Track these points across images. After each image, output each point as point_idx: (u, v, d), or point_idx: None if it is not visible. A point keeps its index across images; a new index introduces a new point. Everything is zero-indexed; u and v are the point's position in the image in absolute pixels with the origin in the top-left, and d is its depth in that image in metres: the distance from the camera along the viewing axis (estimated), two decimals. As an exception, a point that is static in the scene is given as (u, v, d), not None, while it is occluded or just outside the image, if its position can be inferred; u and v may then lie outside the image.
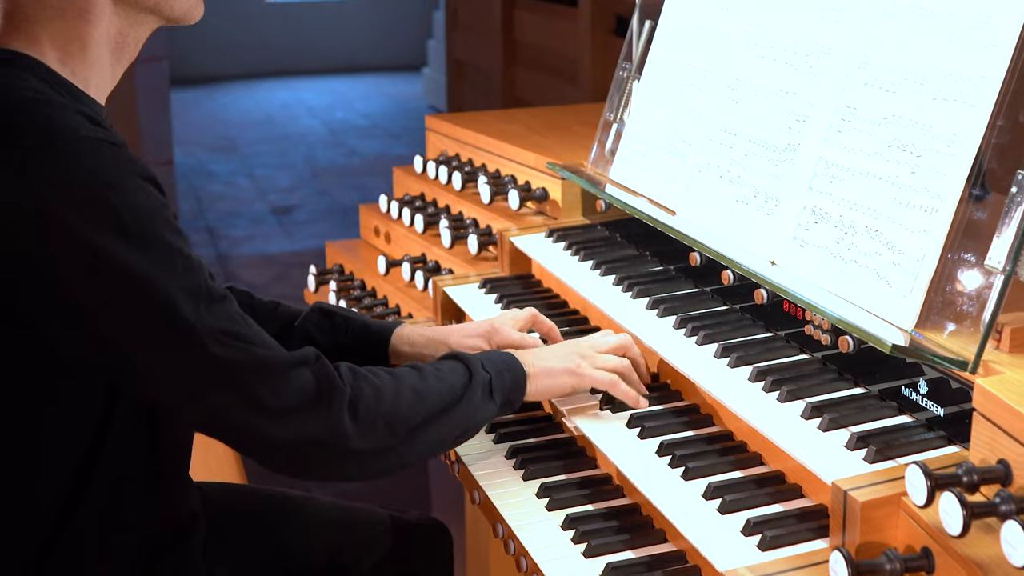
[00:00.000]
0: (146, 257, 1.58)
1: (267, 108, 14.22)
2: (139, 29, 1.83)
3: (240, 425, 1.67)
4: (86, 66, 1.77)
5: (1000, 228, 1.69)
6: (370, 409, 1.73)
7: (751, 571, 1.61)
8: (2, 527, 1.73)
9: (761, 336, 2.16)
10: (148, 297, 1.58)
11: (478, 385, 1.90)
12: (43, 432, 1.69)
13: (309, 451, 1.71)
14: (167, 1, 1.81)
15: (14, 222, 1.56)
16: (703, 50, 2.47)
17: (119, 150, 1.64)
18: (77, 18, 1.74)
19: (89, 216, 1.56)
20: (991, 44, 1.78)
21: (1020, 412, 1.53)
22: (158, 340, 1.61)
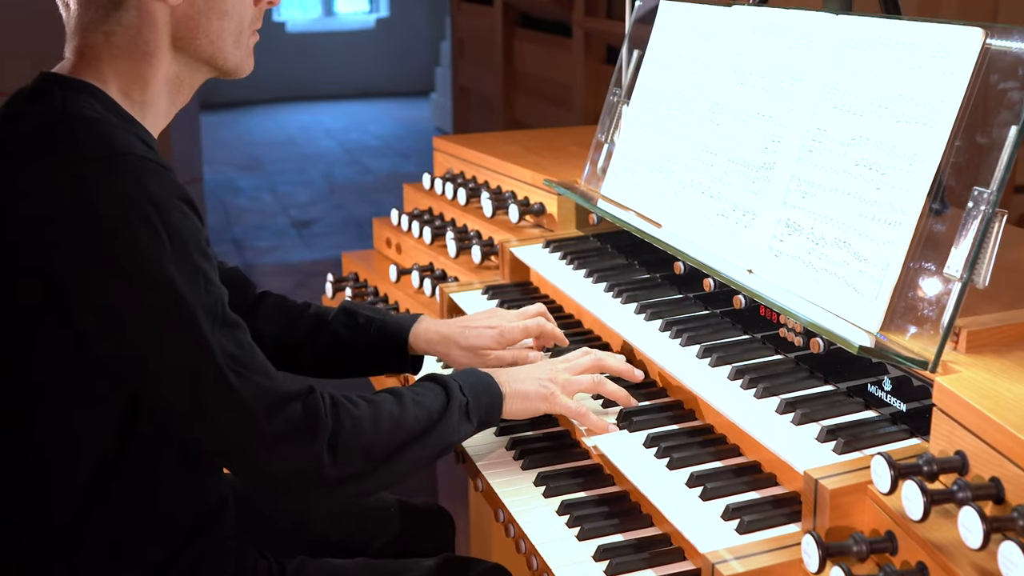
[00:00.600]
0: (178, 272, 1.59)
1: (288, 130, 14.22)
2: (194, 76, 1.88)
3: (231, 445, 1.68)
4: (144, 102, 1.81)
5: (958, 239, 1.69)
6: (348, 441, 1.72)
7: (730, 553, 1.61)
8: (40, 510, 1.73)
9: (739, 338, 2.16)
10: (173, 307, 1.60)
11: (455, 408, 1.89)
12: (80, 421, 1.70)
13: (289, 477, 1.72)
14: (221, 54, 1.85)
15: (69, 227, 1.58)
16: (687, 77, 2.47)
17: (166, 173, 1.66)
18: (140, 59, 1.78)
19: (134, 228, 1.57)
20: (949, 72, 1.78)
21: (976, 408, 1.53)
22: (175, 348, 1.62)
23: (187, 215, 1.65)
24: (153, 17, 1.76)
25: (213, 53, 1.84)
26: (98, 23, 1.76)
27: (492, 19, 7.28)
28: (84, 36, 1.78)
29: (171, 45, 1.80)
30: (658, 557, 1.79)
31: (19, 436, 1.71)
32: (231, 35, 1.85)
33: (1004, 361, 1.69)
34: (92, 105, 1.70)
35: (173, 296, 1.59)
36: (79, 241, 1.58)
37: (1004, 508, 1.45)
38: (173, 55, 1.82)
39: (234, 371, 1.63)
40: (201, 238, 1.67)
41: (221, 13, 1.81)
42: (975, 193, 1.68)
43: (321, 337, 2.28)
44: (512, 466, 2.09)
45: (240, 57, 1.89)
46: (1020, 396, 1.56)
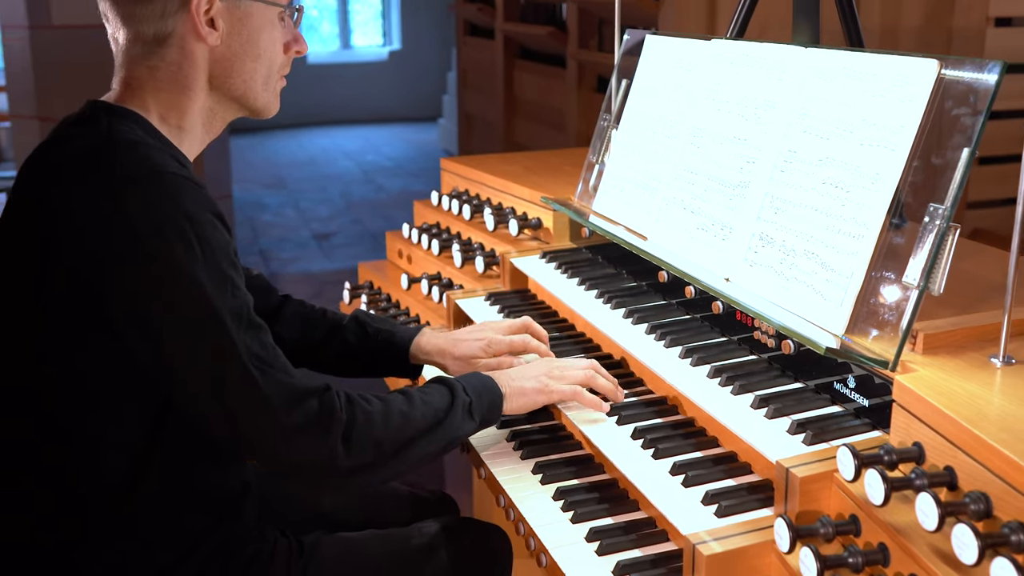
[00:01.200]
0: (209, 280, 1.61)
1: (310, 152, 14.22)
2: (226, 112, 1.91)
3: (253, 436, 1.68)
4: (182, 129, 1.84)
5: (915, 251, 1.69)
6: (361, 434, 1.73)
7: (709, 535, 1.61)
8: (83, 498, 1.74)
9: (717, 340, 2.16)
10: (204, 312, 1.61)
11: (459, 407, 1.90)
12: (121, 417, 1.71)
13: (305, 468, 1.72)
14: (252, 94, 1.88)
15: (111, 240, 1.59)
16: (670, 104, 2.47)
17: (199, 189, 1.68)
18: (179, 92, 1.81)
19: (170, 240, 1.59)
20: (907, 99, 1.78)
21: (932, 404, 1.53)
22: (205, 348, 1.63)
23: (218, 228, 1.67)
24: (193, 55, 1.79)
25: (244, 92, 1.87)
26: (143, 58, 1.79)
27: (494, 52, 7.28)
28: (130, 68, 1.80)
29: (208, 82, 1.83)
30: (644, 538, 1.79)
31: (66, 429, 1.71)
32: (261, 77, 1.88)
33: (957, 361, 1.69)
34: (134, 130, 1.72)
35: (204, 302, 1.61)
36: (119, 252, 1.59)
37: (957, 494, 1.46)
38: (209, 91, 1.84)
39: (258, 368, 1.64)
40: (230, 249, 1.69)
41: (254, 57, 1.85)
42: (931, 209, 1.68)
43: (334, 343, 2.29)
44: (512, 456, 2.09)
45: (268, 99, 1.92)
46: (972, 393, 1.56)
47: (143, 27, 1.76)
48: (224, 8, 1.78)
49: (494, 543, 2.17)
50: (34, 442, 1.74)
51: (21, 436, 1.75)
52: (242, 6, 1.81)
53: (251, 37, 1.84)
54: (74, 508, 1.74)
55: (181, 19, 1.76)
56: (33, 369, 1.71)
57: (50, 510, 1.75)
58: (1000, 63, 1.65)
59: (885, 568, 1.48)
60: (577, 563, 1.74)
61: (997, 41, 4.93)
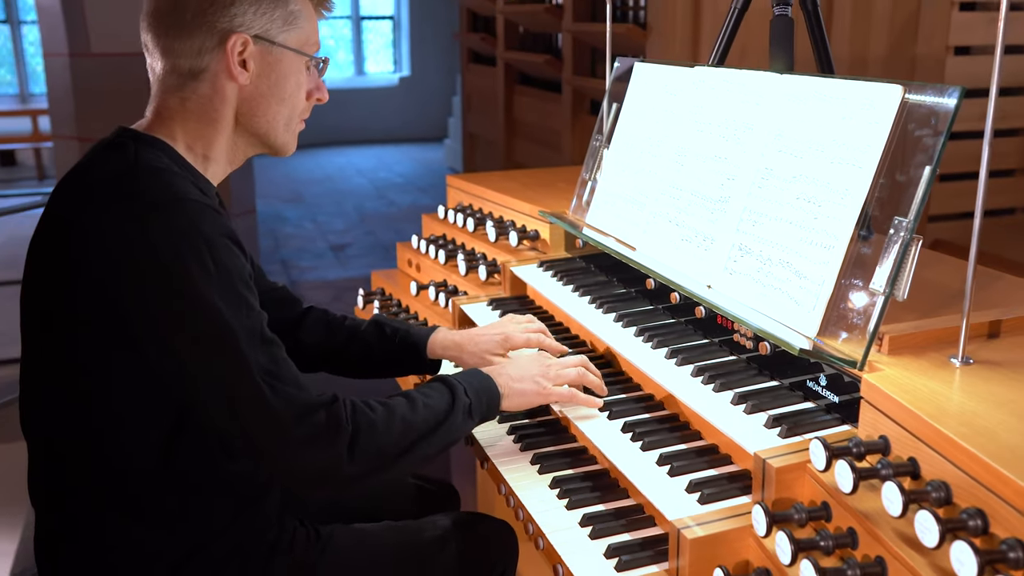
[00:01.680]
0: (222, 299, 1.60)
1: (327, 169, 14.22)
2: (248, 147, 1.91)
3: (263, 447, 1.68)
4: (207, 158, 1.84)
5: (881, 260, 1.69)
6: (365, 443, 1.71)
7: (693, 520, 1.61)
8: (117, 487, 1.74)
9: (700, 342, 2.16)
10: (218, 326, 1.60)
11: (459, 409, 1.88)
12: (145, 420, 1.71)
13: (312, 475, 1.71)
14: (273, 133, 1.88)
15: (134, 262, 1.59)
16: (656, 126, 2.48)
17: (218, 216, 1.67)
18: (207, 124, 1.81)
19: (188, 263, 1.59)
20: (874, 121, 1.78)
21: (896, 400, 1.54)
22: (217, 364, 1.63)
23: (234, 252, 1.66)
24: (223, 92, 1.79)
25: (267, 131, 1.87)
26: (177, 89, 1.79)
27: (495, 78, 7.28)
28: (164, 98, 1.81)
29: (234, 118, 1.83)
30: (633, 523, 1.79)
31: (99, 429, 1.72)
32: (283, 119, 1.88)
33: (920, 361, 1.69)
34: (160, 157, 1.73)
35: (218, 321, 1.60)
36: (141, 272, 1.59)
37: (920, 483, 1.46)
38: (234, 126, 1.84)
39: (268, 384, 1.63)
40: (244, 271, 1.68)
41: (279, 99, 1.85)
42: (896, 222, 1.68)
43: (355, 345, 2.29)
44: (512, 448, 2.09)
45: (287, 139, 1.92)
46: (933, 390, 1.56)
47: (180, 61, 1.77)
48: (257, 51, 1.79)
49: (502, 537, 2.16)
50: (68, 435, 1.74)
51: (57, 429, 1.75)
52: (274, 52, 1.81)
53: (279, 81, 1.84)
54: (105, 495, 1.74)
55: (216, 57, 1.76)
56: (66, 372, 1.71)
57: (84, 496, 1.75)
58: (959, 88, 1.65)
59: (854, 551, 1.49)
60: (572, 546, 1.74)
61: (956, 68, 4.94)
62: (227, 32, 1.75)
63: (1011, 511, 1.27)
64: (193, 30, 1.74)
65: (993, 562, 1.25)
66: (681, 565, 1.60)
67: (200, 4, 1.73)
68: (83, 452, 1.73)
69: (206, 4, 1.73)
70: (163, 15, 1.76)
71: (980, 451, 1.34)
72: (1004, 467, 1.30)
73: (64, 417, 1.73)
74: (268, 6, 1.78)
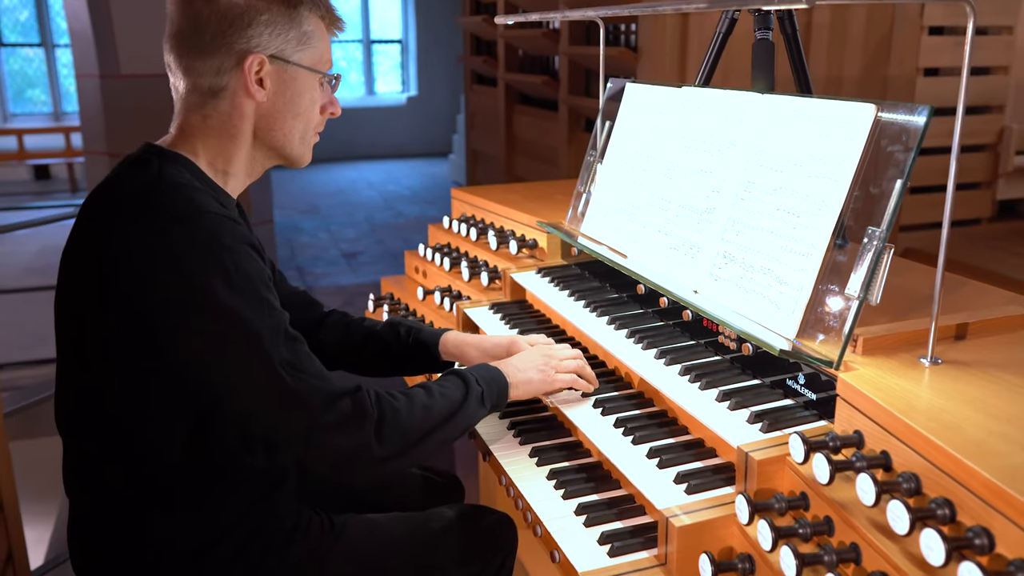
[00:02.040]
0: (244, 302, 1.61)
1: (340, 183, 14.23)
2: (266, 159, 1.90)
3: (293, 435, 1.68)
4: (227, 173, 1.84)
5: (856, 267, 1.69)
6: (390, 427, 1.73)
7: (680, 509, 1.61)
8: (146, 478, 1.74)
9: (687, 343, 2.16)
10: (241, 330, 1.61)
11: (473, 397, 1.90)
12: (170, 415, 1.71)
13: (343, 458, 1.72)
14: (289, 146, 1.87)
15: (159, 272, 1.59)
16: (646, 142, 2.48)
17: (237, 226, 1.67)
18: (227, 140, 1.81)
19: (210, 271, 1.59)
20: (849, 138, 1.78)
21: (870, 397, 1.54)
22: (243, 363, 1.63)
23: (253, 258, 1.66)
24: (242, 109, 1.79)
25: (283, 144, 1.87)
26: (198, 107, 1.79)
27: (497, 97, 7.28)
28: (186, 116, 1.81)
29: (252, 133, 1.83)
30: (624, 512, 1.79)
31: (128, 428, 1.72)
32: (299, 133, 1.88)
33: (892, 361, 1.69)
34: (182, 172, 1.72)
35: (239, 323, 1.60)
36: (166, 282, 1.59)
37: (891, 475, 1.46)
38: (252, 141, 1.84)
39: (292, 376, 1.63)
40: (264, 274, 1.68)
41: (294, 115, 1.85)
42: (869, 231, 1.69)
43: (372, 344, 2.29)
44: (512, 442, 2.09)
45: (302, 151, 1.91)
46: (904, 388, 1.56)
47: (201, 80, 1.76)
48: (273, 70, 1.78)
49: (502, 528, 2.16)
50: (99, 432, 1.74)
51: (88, 426, 1.76)
52: (289, 70, 1.81)
53: (294, 98, 1.83)
54: (133, 488, 1.75)
55: (235, 76, 1.76)
56: (97, 373, 1.71)
57: (113, 488, 1.76)
58: (928, 107, 1.65)
59: (830, 538, 1.48)
60: (568, 533, 1.73)
61: (926, 88, 4.94)
62: (244, 52, 1.75)
63: (977, 501, 1.27)
64: (213, 51, 1.74)
65: (960, 548, 1.25)
66: (669, 551, 1.60)
67: (219, 26, 1.73)
68: (112, 448, 1.73)
69: (224, 26, 1.73)
70: (184, 37, 1.75)
71: (948, 445, 1.34)
72: (970, 460, 1.30)
73: (94, 415, 1.74)
74: (283, 27, 1.78)
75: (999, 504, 1.23)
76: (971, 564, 1.19)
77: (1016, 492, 1.21)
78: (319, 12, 1.85)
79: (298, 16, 1.80)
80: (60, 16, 14.58)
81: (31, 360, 6.07)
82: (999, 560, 1.22)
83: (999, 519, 1.23)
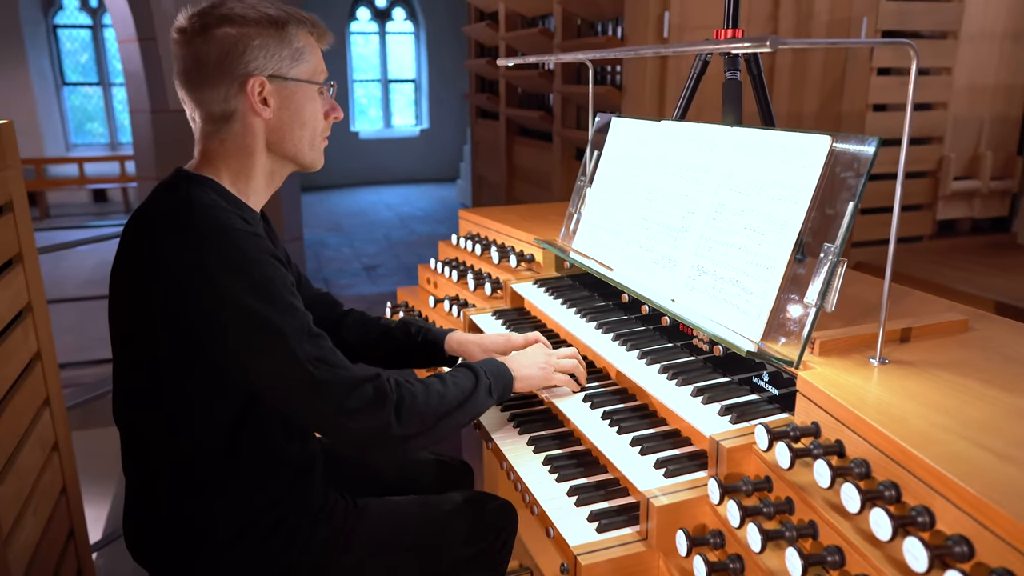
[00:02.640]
0: (270, 306, 1.60)
1: (361, 205, 14.23)
2: (283, 169, 1.87)
3: (322, 419, 1.67)
4: (248, 188, 1.82)
5: (813, 279, 1.69)
6: (408, 409, 1.73)
7: (659, 491, 1.62)
8: (190, 465, 1.75)
9: (666, 345, 2.16)
10: (269, 331, 1.60)
11: (482, 387, 1.90)
12: (213, 407, 1.71)
13: (368, 438, 1.70)
14: (300, 154, 1.84)
15: (193, 284, 1.58)
16: (630, 169, 2.48)
17: (260, 239, 1.66)
18: (244, 158, 1.79)
19: (237, 281, 1.59)
20: (808, 165, 1.79)
21: (825, 393, 1.54)
22: (272, 359, 1.62)
23: (275, 266, 1.65)
24: (252, 127, 1.77)
25: (295, 153, 1.84)
26: (215, 133, 1.77)
27: (498, 130, 7.30)
28: (206, 143, 1.79)
29: (265, 147, 1.81)
30: (610, 494, 1.79)
31: (172, 413, 1.72)
32: (307, 140, 1.85)
33: (845, 361, 1.69)
34: (208, 193, 1.71)
35: (268, 327, 1.60)
36: (199, 292, 1.59)
37: (844, 460, 1.46)
38: (267, 154, 1.82)
39: (317, 368, 1.63)
40: (288, 280, 1.66)
41: (300, 125, 1.82)
42: (825, 247, 1.69)
43: (386, 342, 2.29)
44: (512, 432, 2.09)
45: (314, 156, 1.88)
46: (855, 385, 1.56)
47: (212, 108, 1.74)
48: (274, 88, 1.76)
49: (505, 511, 2.15)
50: (150, 423, 1.74)
51: (140, 419, 1.76)
52: (288, 86, 1.78)
53: (297, 110, 1.81)
54: (180, 474, 1.75)
55: (240, 99, 1.74)
56: (146, 373, 1.71)
57: (163, 474, 1.76)
58: (877, 139, 1.66)
59: (791, 516, 1.48)
60: (561, 512, 1.74)
61: (875, 122, 4.96)
62: (245, 77, 1.72)
63: (920, 484, 1.27)
64: (217, 81, 1.72)
65: (905, 525, 1.25)
66: (650, 527, 1.60)
67: (218, 57, 1.71)
68: (161, 439, 1.74)
69: (222, 56, 1.71)
70: (191, 74, 1.74)
71: (894, 434, 1.34)
72: (913, 448, 1.30)
73: (145, 410, 1.74)
74: (275, 48, 1.75)
75: (939, 486, 1.23)
76: (914, 539, 1.19)
77: (954, 476, 1.21)
78: (306, 28, 1.81)
79: (287, 35, 1.76)
80: (116, 59, 14.61)
81: (90, 360, 6.08)
82: (939, 536, 1.22)
83: (939, 500, 1.23)
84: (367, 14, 16.72)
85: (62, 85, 14.64)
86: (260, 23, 1.73)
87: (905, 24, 4.86)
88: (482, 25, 7.25)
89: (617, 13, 4.91)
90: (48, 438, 2.45)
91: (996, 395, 1.50)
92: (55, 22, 14.41)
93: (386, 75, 17.11)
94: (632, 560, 1.60)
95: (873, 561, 1.27)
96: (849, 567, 1.33)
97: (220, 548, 1.78)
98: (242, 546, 1.79)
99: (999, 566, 1.11)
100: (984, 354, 1.72)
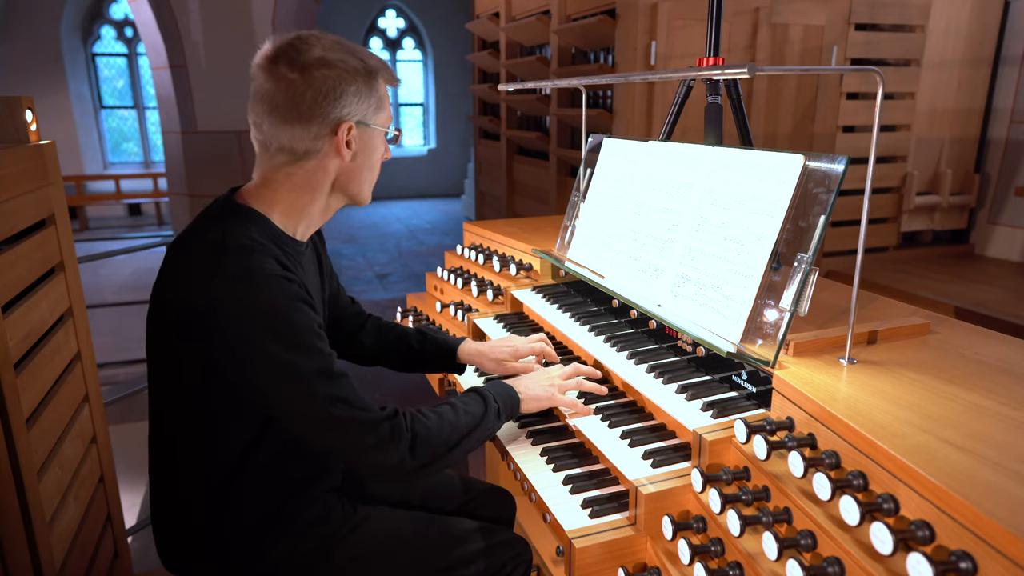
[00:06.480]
0: (294, 351, 1.52)
1: (374, 218, 14.24)
2: (338, 203, 1.79)
3: (339, 453, 1.61)
4: (299, 223, 1.75)
5: (788, 286, 1.70)
6: (423, 445, 1.66)
7: (647, 480, 1.62)
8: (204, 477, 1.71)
9: (653, 346, 2.16)
10: (291, 375, 1.53)
11: (491, 412, 1.85)
12: (233, 428, 1.67)
13: (382, 472, 1.63)
14: (362, 193, 1.78)
15: (222, 324, 1.52)
16: (620, 186, 2.49)
17: (290, 284, 1.56)
18: (306, 194, 1.72)
19: (262, 326, 1.51)
20: (783, 181, 1.79)
21: (799, 390, 1.54)
22: (295, 400, 1.55)
23: (303, 311, 1.56)
24: (327, 167, 1.70)
25: (358, 192, 1.78)
26: (286, 165, 1.68)
27: (500, 149, 7.29)
28: (271, 172, 1.70)
29: (331, 186, 1.74)
30: (602, 483, 1.79)
31: (197, 432, 1.68)
32: (369, 181, 1.79)
33: (817, 361, 1.69)
34: (248, 230, 1.61)
35: (290, 370, 1.52)
36: (228, 331, 1.51)
37: (816, 452, 1.46)
38: (330, 192, 1.75)
39: (337, 407, 1.56)
40: (313, 323, 1.58)
41: (370, 167, 1.77)
42: (799, 256, 1.69)
43: (401, 347, 2.27)
44: (512, 426, 2.08)
45: (368, 194, 1.82)
46: (826, 383, 1.56)
47: (296, 144, 1.65)
48: (358, 133, 1.70)
49: (513, 547, 2.03)
50: (178, 433, 1.70)
51: (169, 425, 1.72)
52: (369, 131, 1.72)
53: (371, 154, 1.75)
54: (198, 479, 1.71)
55: (327, 141, 1.66)
56: (176, 392, 1.67)
57: (189, 477, 1.72)
58: (846, 157, 1.66)
59: (767, 503, 1.48)
60: (557, 499, 1.74)
61: (844, 142, 4.95)
62: (339, 121, 1.65)
63: (885, 473, 1.27)
64: (309, 119, 1.63)
65: (872, 511, 1.25)
66: (638, 513, 1.60)
67: (315, 98, 1.63)
68: (186, 447, 1.70)
69: (320, 98, 1.63)
70: (280, 106, 1.62)
71: (861, 428, 1.35)
72: (879, 440, 1.30)
73: (174, 418, 1.70)
74: (366, 95, 1.69)
75: (903, 476, 1.23)
76: (880, 524, 1.19)
77: (917, 466, 1.21)
78: (386, 77, 1.76)
79: (376, 84, 1.71)
80: (149, 84, 14.62)
81: (126, 360, 6.08)
82: (903, 521, 1.23)
83: (903, 488, 1.23)
84: (379, 43, 16.76)
85: (100, 108, 14.66)
86: (357, 72, 1.67)
87: (872, 53, 4.87)
88: (485, 53, 7.26)
89: (608, 43, 4.92)
90: (87, 431, 2.45)
91: (955, 392, 1.51)
92: (93, 51, 14.44)
93: (396, 99, 17.12)
94: (622, 543, 1.60)
95: (843, 544, 1.27)
96: (821, 550, 1.33)
97: (220, 548, 1.75)
98: (239, 548, 1.75)
99: (958, 548, 1.11)
100: (944, 355, 1.73)
